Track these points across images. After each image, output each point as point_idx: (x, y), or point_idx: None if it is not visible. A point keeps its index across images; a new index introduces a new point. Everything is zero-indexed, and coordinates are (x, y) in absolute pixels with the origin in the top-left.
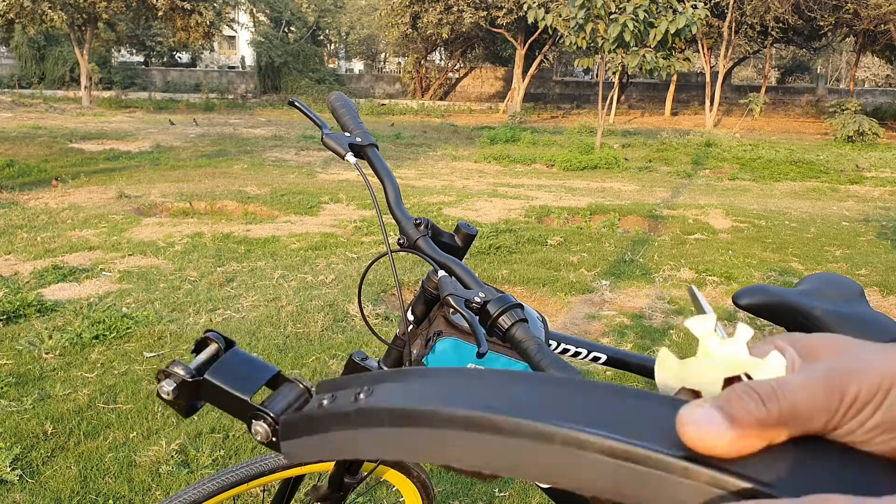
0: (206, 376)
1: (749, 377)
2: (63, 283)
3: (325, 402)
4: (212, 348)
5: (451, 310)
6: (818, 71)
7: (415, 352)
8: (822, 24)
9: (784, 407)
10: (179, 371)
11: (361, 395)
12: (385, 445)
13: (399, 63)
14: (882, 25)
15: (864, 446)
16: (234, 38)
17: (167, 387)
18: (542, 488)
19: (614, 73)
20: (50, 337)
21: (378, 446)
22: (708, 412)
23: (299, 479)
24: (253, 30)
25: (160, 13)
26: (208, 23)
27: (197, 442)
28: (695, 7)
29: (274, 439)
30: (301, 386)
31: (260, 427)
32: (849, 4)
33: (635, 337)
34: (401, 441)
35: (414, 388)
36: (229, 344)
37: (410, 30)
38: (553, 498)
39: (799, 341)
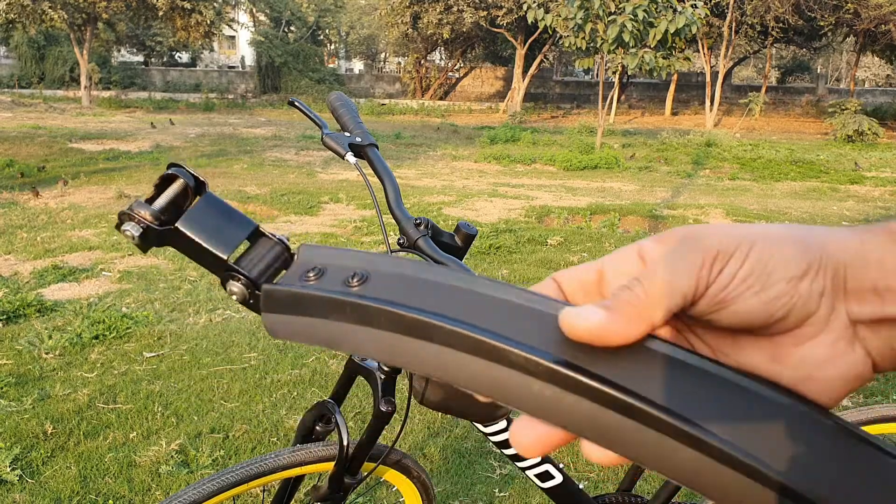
0: (178, 225)
1: None
2: (63, 283)
3: (311, 276)
4: (177, 186)
5: None
6: (818, 71)
7: None
8: (822, 23)
9: (651, 285)
10: (146, 215)
11: (354, 282)
12: (379, 350)
13: (399, 63)
14: (882, 25)
15: (738, 302)
16: (233, 37)
17: (132, 231)
18: (542, 488)
19: (614, 73)
20: (50, 337)
21: (370, 348)
22: (588, 308)
23: (299, 479)
24: (253, 29)
25: (160, 13)
26: (208, 22)
27: (197, 442)
28: (695, 7)
29: (251, 301)
30: (279, 246)
31: (236, 287)
32: (849, 4)
33: None
34: (401, 350)
35: (416, 289)
36: (199, 185)
37: (411, 30)
38: (553, 498)
39: (644, 246)
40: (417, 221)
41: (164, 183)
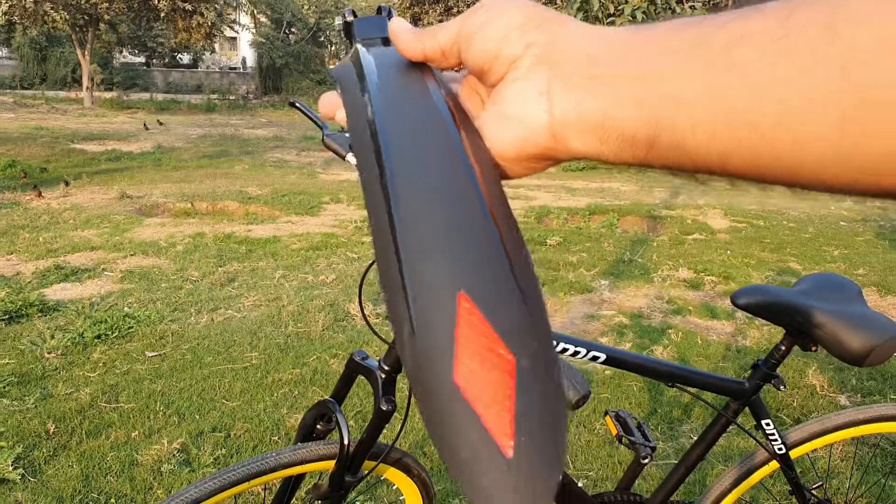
0: (353, 19)
1: None
2: (65, 283)
3: (362, 47)
4: (378, 15)
5: None
6: None
7: None
8: None
9: (438, 26)
10: (347, 15)
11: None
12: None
13: None
14: None
15: (475, 40)
16: (235, 39)
17: (343, 17)
18: None
19: None
20: (52, 336)
21: (345, 77)
22: (408, 25)
23: (300, 477)
24: (254, 31)
25: (162, 14)
26: (210, 24)
27: (198, 441)
28: (693, 8)
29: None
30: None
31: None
32: None
33: (634, 336)
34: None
35: (388, 56)
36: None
37: None
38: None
39: None
40: None
41: (378, 10)
